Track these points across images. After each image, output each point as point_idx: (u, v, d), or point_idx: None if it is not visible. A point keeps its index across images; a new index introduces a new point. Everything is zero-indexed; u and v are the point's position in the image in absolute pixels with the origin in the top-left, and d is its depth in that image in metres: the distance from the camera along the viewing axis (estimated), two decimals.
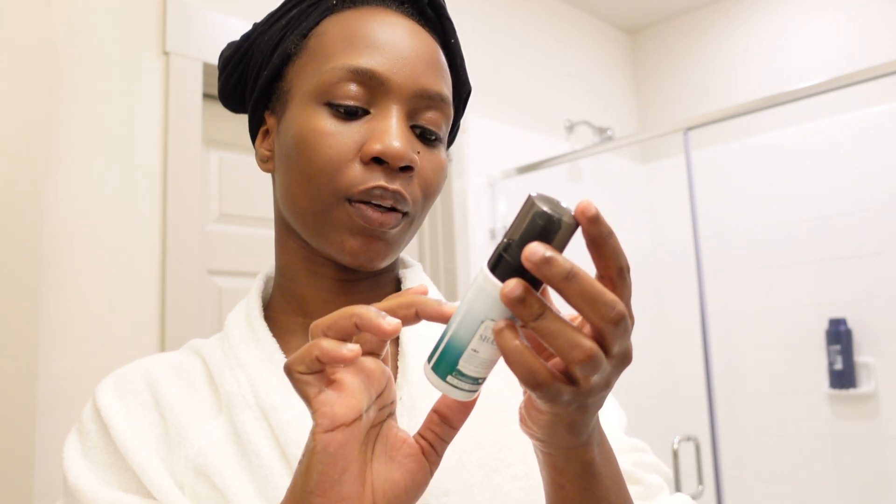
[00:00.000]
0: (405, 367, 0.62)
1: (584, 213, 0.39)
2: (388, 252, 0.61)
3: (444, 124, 0.64)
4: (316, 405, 0.43)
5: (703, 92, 3.06)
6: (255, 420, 0.58)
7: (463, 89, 0.70)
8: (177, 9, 1.73)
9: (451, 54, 0.68)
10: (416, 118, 0.61)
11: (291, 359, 0.44)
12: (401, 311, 0.44)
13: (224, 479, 0.56)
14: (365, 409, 0.44)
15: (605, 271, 0.41)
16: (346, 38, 0.61)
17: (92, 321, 1.52)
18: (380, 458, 0.46)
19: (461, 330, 0.43)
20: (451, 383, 0.44)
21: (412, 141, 0.61)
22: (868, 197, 2.50)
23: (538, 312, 0.39)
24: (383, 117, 0.59)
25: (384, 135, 0.58)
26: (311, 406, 0.43)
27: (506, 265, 0.41)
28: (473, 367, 0.43)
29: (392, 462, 0.46)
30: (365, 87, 0.59)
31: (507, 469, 0.60)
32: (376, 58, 0.59)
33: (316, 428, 0.43)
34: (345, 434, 0.43)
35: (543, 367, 0.40)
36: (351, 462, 0.43)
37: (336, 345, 0.42)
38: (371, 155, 0.57)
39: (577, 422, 0.44)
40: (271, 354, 0.62)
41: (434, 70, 0.62)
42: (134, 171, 1.63)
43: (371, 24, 0.61)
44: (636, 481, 0.61)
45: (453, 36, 0.68)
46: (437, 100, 0.62)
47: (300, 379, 0.43)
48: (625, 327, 0.40)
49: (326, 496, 0.42)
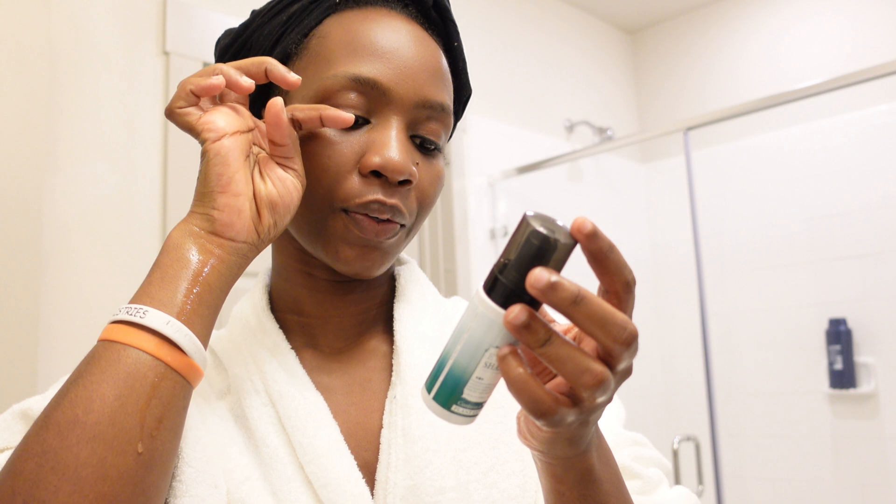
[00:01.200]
0: (399, 366, 0.62)
1: (580, 230, 0.38)
2: (384, 261, 0.61)
3: (444, 133, 0.63)
4: (200, 125, 0.53)
5: (703, 92, 3.06)
6: (262, 406, 0.59)
7: (463, 92, 0.70)
8: (177, 9, 1.73)
9: (453, 58, 0.67)
10: (416, 128, 0.61)
11: (169, 103, 0.54)
12: (253, 69, 0.55)
13: (234, 456, 0.56)
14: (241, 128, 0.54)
15: (611, 286, 0.40)
16: (348, 42, 0.59)
17: (92, 321, 1.52)
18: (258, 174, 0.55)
19: (463, 358, 0.42)
20: (456, 412, 0.43)
21: (411, 152, 0.60)
22: (868, 197, 2.50)
23: (544, 338, 0.38)
24: (383, 128, 0.58)
25: (384, 147, 0.57)
26: (195, 128, 0.53)
27: (503, 287, 0.40)
28: (478, 393, 0.43)
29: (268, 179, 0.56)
30: (366, 97, 0.58)
31: (503, 466, 0.60)
32: (378, 66, 0.58)
33: (206, 142, 0.53)
34: (230, 141, 0.53)
35: (548, 397, 0.39)
36: (239, 166, 0.53)
37: (203, 77, 0.53)
38: (370, 168, 0.57)
39: (577, 435, 0.44)
40: (278, 344, 0.62)
41: (436, 79, 0.61)
42: (134, 171, 1.63)
43: (374, 29, 0.60)
44: (635, 476, 0.61)
45: (457, 39, 0.67)
46: (438, 110, 0.61)
47: (180, 113, 0.53)
48: (636, 346, 0.39)
49: (225, 192, 0.52)
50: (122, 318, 0.48)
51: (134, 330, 0.47)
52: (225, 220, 0.52)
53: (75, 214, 1.53)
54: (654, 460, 0.66)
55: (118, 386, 0.45)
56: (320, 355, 0.64)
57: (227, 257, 0.52)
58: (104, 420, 0.44)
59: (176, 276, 0.50)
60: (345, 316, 0.65)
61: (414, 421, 0.58)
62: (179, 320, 0.48)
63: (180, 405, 0.48)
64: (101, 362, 0.46)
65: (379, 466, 0.58)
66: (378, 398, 0.62)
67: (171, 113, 0.54)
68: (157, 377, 0.47)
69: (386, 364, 0.65)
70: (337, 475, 0.55)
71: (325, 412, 0.59)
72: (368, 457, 0.59)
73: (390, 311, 0.68)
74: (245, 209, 0.53)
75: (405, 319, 0.65)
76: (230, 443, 0.57)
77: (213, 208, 0.52)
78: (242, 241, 0.53)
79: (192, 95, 0.53)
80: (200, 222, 0.52)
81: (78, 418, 0.44)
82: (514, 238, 0.40)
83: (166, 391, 0.47)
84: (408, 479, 0.56)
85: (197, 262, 0.51)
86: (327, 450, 0.56)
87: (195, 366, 0.49)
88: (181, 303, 0.49)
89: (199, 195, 0.53)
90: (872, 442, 2.44)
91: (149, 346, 0.47)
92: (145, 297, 0.49)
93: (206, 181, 0.53)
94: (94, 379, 0.46)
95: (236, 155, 0.53)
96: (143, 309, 0.48)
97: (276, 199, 0.55)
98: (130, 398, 0.45)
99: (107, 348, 0.47)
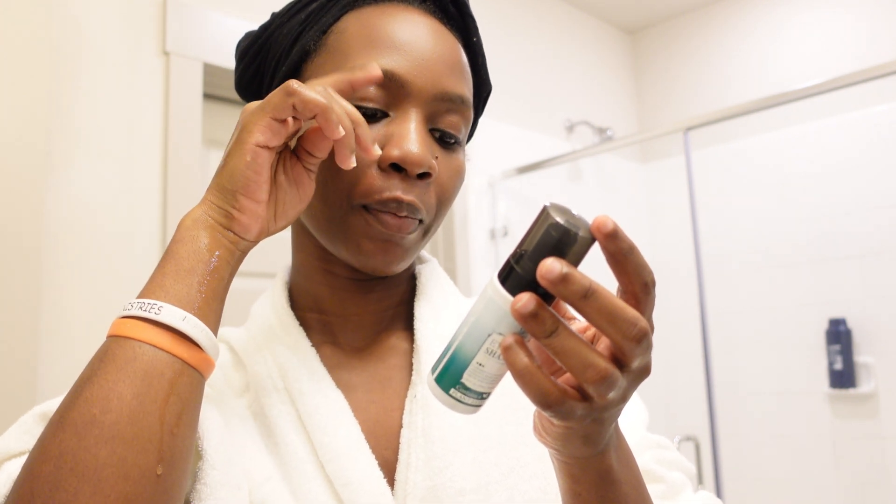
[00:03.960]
0: (419, 365, 0.62)
1: (600, 229, 0.37)
2: (405, 257, 0.60)
3: (464, 127, 0.62)
4: (259, 129, 0.52)
5: (703, 92, 3.06)
6: (282, 404, 0.59)
7: (483, 88, 0.69)
8: (177, 9, 1.73)
9: (472, 53, 0.66)
10: (435, 121, 0.60)
11: (270, 107, 0.51)
12: (339, 87, 0.54)
13: (254, 455, 0.56)
14: (280, 144, 0.53)
15: (629, 286, 0.39)
16: (366, 36, 0.59)
17: (92, 321, 1.52)
18: (282, 176, 0.55)
19: (467, 342, 0.41)
20: (454, 397, 0.43)
21: (431, 146, 0.59)
22: (868, 197, 2.49)
23: (551, 329, 0.37)
24: (403, 121, 0.58)
25: (403, 140, 0.56)
26: (254, 128, 0.51)
27: (517, 277, 0.39)
28: (479, 381, 0.42)
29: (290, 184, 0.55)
30: (384, 90, 0.57)
31: (524, 468, 0.59)
32: (397, 59, 0.58)
33: (249, 142, 0.51)
34: (269, 153, 0.52)
35: (554, 388, 0.39)
36: (269, 176, 0.53)
37: (327, 114, 0.51)
38: (389, 161, 0.56)
39: (592, 434, 0.43)
40: (298, 342, 0.62)
41: (455, 72, 0.61)
42: (134, 171, 1.63)
43: (392, 23, 0.60)
44: (658, 479, 0.60)
45: (475, 34, 0.66)
46: (458, 102, 0.60)
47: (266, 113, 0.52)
48: (647, 344, 0.39)
49: (249, 196, 0.51)
50: (135, 314, 0.47)
51: (149, 326, 0.46)
52: (244, 222, 0.52)
53: (75, 214, 1.53)
54: (678, 464, 0.64)
55: (136, 384, 0.45)
56: (341, 353, 0.64)
57: (236, 252, 0.53)
58: (123, 419, 0.43)
59: (191, 269, 0.49)
60: (365, 314, 0.65)
61: (434, 421, 0.58)
62: (195, 315, 0.48)
63: (197, 400, 0.48)
64: (116, 359, 0.45)
65: (399, 466, 0.57)
66: (398, 397, 0.62)
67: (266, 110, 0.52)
68: (174, 374, 0.46)
69: (406, 362, 0.64)
70: (358, 475, 0.55)
71: (345, 410, 0.58)
72: (388, 456, 0.59)
73: (411, 309, 0.68)
74: (262, 214, 0.53)
75: (426, 318, 0.65)
76: (250, 442, 0.57)
77: (233, 207, 0.52)
78: (252, 240, 0.53)
79: (293, 110, 0.50)
80: (217, 216, 0.52)
81: (95, 418, 0.43)
82: (533, 228, 0.39)
83: (184, 387, 0.46)
84: (428, 480, 0.56)
85: (210, 254, 0.50)
86: (348, 448, 0.56)
87: (210, 360, 0.49)
88: (196, 297, 0.48)
89: (221, 188, 0.52)
90: (872, 442, 2.44)
91: (165, 343, 0.46)
92: (160, 290, 0.48)
93: (232, 178, 0.51)
94: (109, 378, 0.45)
95: (268, 165, 0.52)
96: (158, 304, 0.47)
97: (292, 204, 0.55)
98: (149, 396, 0.45)
99: (121, 345, 0.46)
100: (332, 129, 0.50)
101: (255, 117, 0.51)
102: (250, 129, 0.51)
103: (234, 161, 0.51)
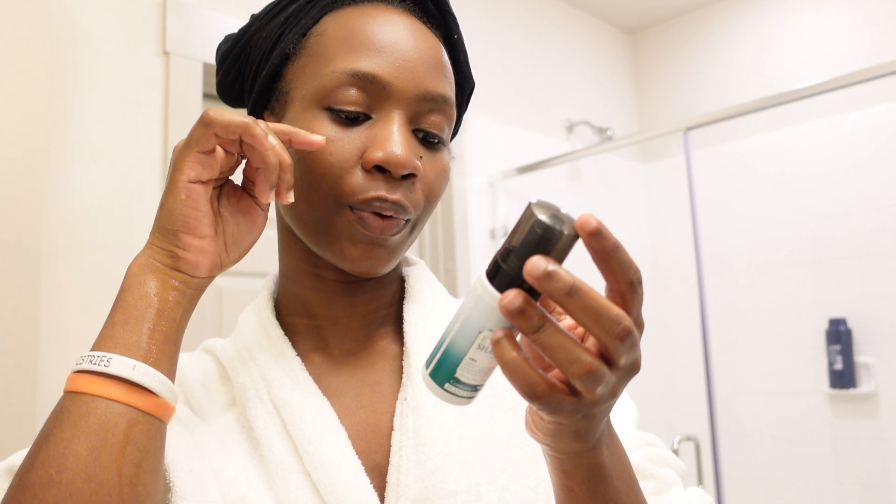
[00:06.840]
0: (409, 368, 0.62)
1: (583, 227, 0.38)
2: (390, 258, 0.60)
3: (447, 126, 0.62)
4: (189, 165, 0.52)
5: (703, 92, 3.06)
6: (268, 415, 0.58)
7: (466, 85, 0.69)
8: (177, 9, 1.73)
9: (454, 51, 0.66)
10: (418, 122, 0.60)
11: (192, 140, 0.52)
12: (282, 137, 0.54)
13: (235, 472, 0.56)
14: (213, 176, 0.53)
15: (615, 284, 0.39)
16: (346, 38, 0.59)
17: (92, 321, 1.52)
18: (226, 210, 0.56)
19: (459, 338, 0.42)
20: (448, 391, 0.44)
21: (414, 146, 0.59)
22: (868, 197, 2.49)
23: (538, 325, 0.38)
24: (385, 123, 0.58)
25: (386, 142, 0.56)
26: (183, 165, 0.52)
27: (504, 274, 0.40)
28: (471, 375, 0.43)
29: (235, 214, 0.56)
30: (366, 92, 0.58)
31: (515, 468, 0.59)
32: (377, 61, 0.58)
33: (180, 180, 0.51)
34: (204, 188, 0.52)
35: (542, 380, 0.39)
36: (208, 210, 0.53)
37: (253, 138, 0.52)
38: (373, 163, 0.56)
39: (583, 429, 0.43)
40: (283, 352, 0.62)
41: (437, 71, 0.61)
42: (134, 171, 1.63)
43: (371, 24, 0.59)
44: (649, 476, 0.61)
45: (456, 32, 0.66)
46: (440, 102, 0.60)
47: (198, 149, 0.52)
48: (632, 341, 0.39)
49: (191, 233, 0.52)
50: (85, 368, 0.47)
51: (100, 379, 0.46)
52: (191, 260, 0.52)
53: (75, 214, 1.53)
54: (668, 461, 0.65)
55: (90, 439, 0.45)
56: (329, 358, 0.64)
57: (189, 291, 0.53)
58: (80, 477, 0.43)
59: (140, 316, 0.49)
60: (354, 316, 0.65)
61: (425, 423, 0.58)
62: (146, 363, 0.48)
63: (157, 445, 0.48)
64: (70, 416, 0.45)
65: (390, 469, 0.57)
66: (388, 400, 0.62)
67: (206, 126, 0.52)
68: (129, 424, 0.46)
69: (396, 366, 0.64)
70: (344, 482, 0.55)
71: (331, 418, 0.58)
72: (379, 459, 0.59)
73: (400, 311, 0.68)
74: (210, 249, 0.53)
75: (415, 320, 0.65)
76: (235, 457, 0.57)
77: (177, 246, 0.52)
78: (204, 276, 0.54)
79: (217, 139, 0.52)
80: (162, 258, 0.52)
81: (52, 478, 0.43)
82: (518, 225, 0.40)
83: (141, 436, 0.46)
84: (419, 482, 0.56)
85: (160, 298, 0.51)
86: (332, 456, 0.56)
87: (167, 404, 0.49)
88: (146, 344, 0.48)
89: (162, 230, 0.52)
90: (872, 442, 2.44)
91: (118, 395, 0.46)
92: (109, 341, 0.48)
93: (170, 218, 0.52)
94: (64, 435, 0.45)
95: (206, 200, 0.53)
96: (108, 356, 0.47)
97: (242, 234, 0.56)
98: (104, 450, 0.45)
99: (74, 401, 0.46)
100: (261, 142, 0.51)
101: (182, 154, 0.52)
102: (180, 166, 0.52)
103: (170, 201, 0.52)
